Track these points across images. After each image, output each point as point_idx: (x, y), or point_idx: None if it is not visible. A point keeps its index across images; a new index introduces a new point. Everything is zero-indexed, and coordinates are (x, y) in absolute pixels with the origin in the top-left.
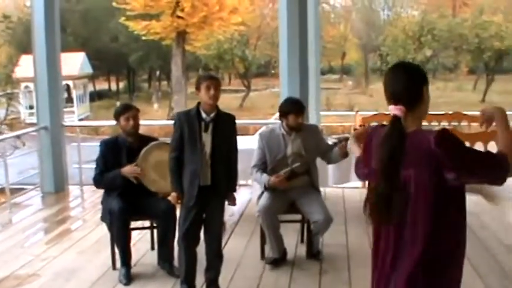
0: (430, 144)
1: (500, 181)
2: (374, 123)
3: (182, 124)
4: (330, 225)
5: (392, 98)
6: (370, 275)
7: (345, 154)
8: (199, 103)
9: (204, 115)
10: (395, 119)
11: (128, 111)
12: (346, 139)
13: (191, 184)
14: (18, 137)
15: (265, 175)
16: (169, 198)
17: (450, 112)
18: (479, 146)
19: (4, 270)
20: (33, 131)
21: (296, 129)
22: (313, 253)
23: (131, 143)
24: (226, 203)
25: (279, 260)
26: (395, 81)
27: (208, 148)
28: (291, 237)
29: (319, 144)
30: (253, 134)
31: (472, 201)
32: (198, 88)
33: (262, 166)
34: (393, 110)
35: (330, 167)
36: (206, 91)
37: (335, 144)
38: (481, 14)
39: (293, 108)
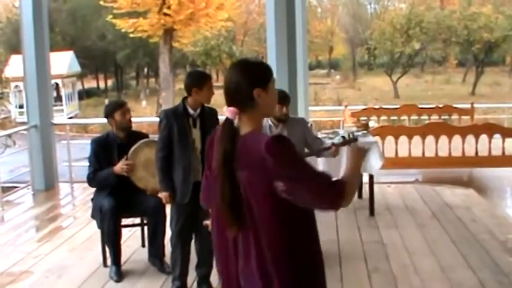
0: (262, 149)
1: (328, 207)
2: (363, 118)
3: (170, 122)
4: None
5: (226, 99)
6: (361, 270)
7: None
8: (184, 99)
9: (191, 111)
10: (226, 120)
11: (123, 106)
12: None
13: (185, 181)
14: (9, 136)
15: None
16: (161, 196)
17: (440, 105)
18: (470, 139)
19: None
20: (23, 130)
21: (282, 120)
22: None
23: (122, 139)
24: None
25: None
26: (229, 81)
27: (198, 143)
28: None
29: (306, 137)
30: None
31: (463, 194)
32: (198, 86)
33: None
34: (226, 111)
35: (320, 162)
36: (209, 91)
37: (333, 144)
38: (470, 5)
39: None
